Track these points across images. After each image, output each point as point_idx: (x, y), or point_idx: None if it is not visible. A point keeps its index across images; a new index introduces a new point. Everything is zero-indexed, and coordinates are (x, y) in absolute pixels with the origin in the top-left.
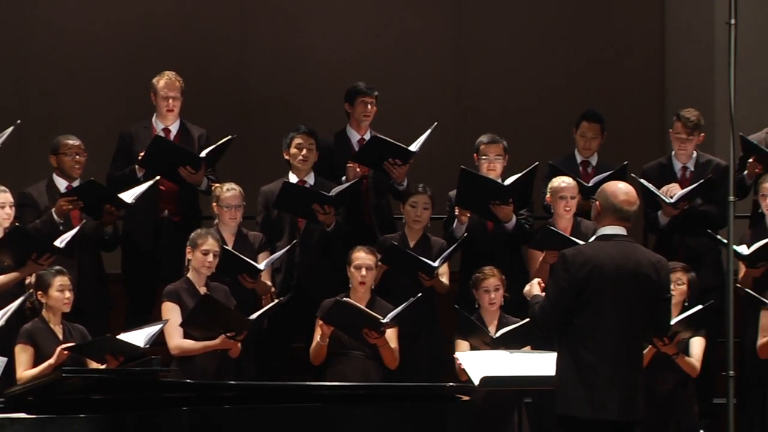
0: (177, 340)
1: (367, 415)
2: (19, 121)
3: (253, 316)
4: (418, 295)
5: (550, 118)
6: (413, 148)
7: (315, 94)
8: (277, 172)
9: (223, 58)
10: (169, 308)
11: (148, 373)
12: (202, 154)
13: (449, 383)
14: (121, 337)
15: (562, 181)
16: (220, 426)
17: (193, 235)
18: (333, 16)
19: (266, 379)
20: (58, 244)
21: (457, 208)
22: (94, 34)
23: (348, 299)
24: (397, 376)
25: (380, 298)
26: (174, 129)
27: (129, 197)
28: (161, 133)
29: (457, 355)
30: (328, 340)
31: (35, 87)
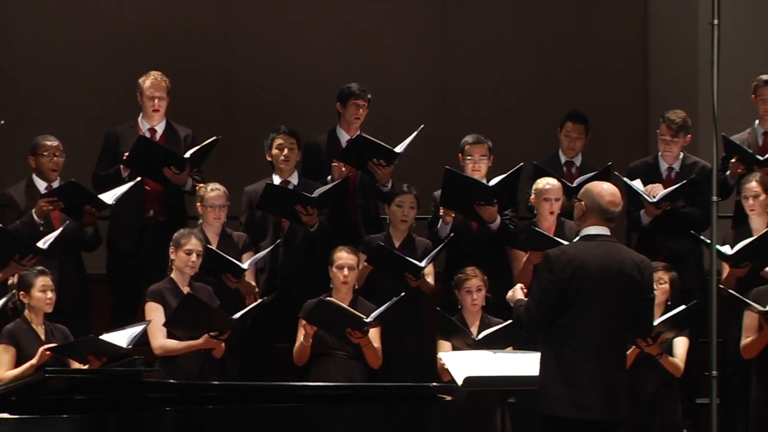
0: (160, 340)
1: (351, 415)
2: (3, 122)
3: (236, 316)
4: (401, 294)
5: (534, 119)
6: (398, 150)
7: (299, 95)
8: (262, 173)
9: (207, 59)
10: (153, 308)
11: (131, 373)
12: (187, 155)
13: (432, 383)
14: (103, 338)
15: (547, 183)
16: (204, 426)
17: (176, 235)
18: (316, 17)
19: (250, 380)
20: (42, 245)
21: (441, 208)
22: (77, 33)
23: (331, 299)
24: (382, 377)
25: (362, 298)
26: (160, 129)
27: (109, 198)
28: (147, 133)
29: (441, 355)
30: (311, 341)
31: (15, 86)
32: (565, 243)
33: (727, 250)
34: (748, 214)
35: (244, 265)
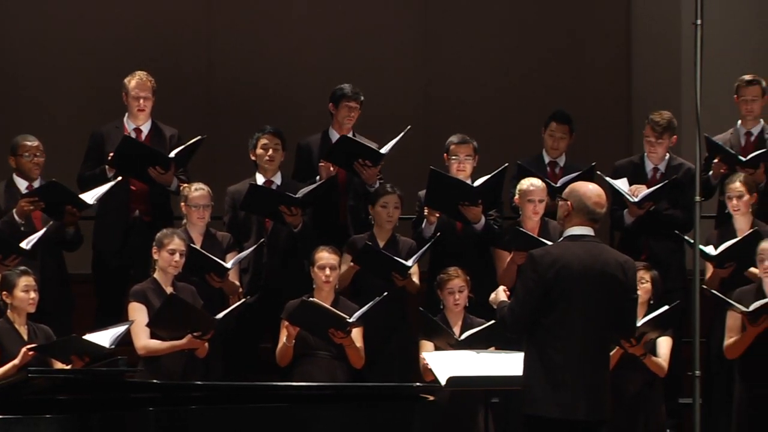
0: (143, 341)
1: (334, 415)
2: None
3: (219, 316)
4: (384, 294)
5: (517, 119)
6: (383, 151)
7: (283, 95)
8: (246, 173)
9: (191, 59)
10: (136, 308)
11: (114, 373)
12: (172, 155)
13: (416, 383)
14: (86, 338)
15: (531, 184)
16: (187, 426)
17: (159, 234)
18: (299, 17)
19: (233, 380)
20: (24, 245)
21: (426, 208)
22: (61, 33)
23: (314, 299)
24: (367, 377)
25: (344, 298)
26: (145, 129)
27: (90, 198)
28: (133, 133)
29: (424, 354)
30: (294, 341)
31: None
32: (550, 243)
33: (710, 250)
34: (732, 214)
35: (228, 264)
